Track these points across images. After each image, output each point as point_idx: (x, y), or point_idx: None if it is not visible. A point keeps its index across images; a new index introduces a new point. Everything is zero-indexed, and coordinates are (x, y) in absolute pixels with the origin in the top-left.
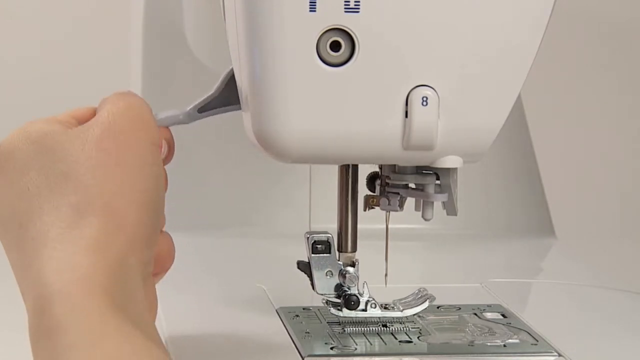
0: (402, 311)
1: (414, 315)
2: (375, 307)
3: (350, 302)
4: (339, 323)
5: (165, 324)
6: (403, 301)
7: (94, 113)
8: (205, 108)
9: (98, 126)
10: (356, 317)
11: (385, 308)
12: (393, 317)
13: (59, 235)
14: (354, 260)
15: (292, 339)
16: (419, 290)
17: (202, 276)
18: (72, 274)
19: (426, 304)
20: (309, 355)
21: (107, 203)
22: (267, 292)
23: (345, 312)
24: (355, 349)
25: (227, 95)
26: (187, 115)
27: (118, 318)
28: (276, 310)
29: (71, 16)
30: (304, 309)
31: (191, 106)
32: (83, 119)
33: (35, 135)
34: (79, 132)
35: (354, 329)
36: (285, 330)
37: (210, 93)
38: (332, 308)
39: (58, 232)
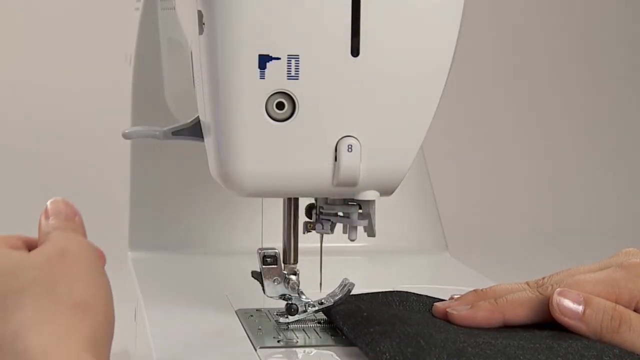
0: (332, 303)
1: (339, 303)
2: (314, 306)
3: (291, 309)
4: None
5: (149, 321)
6: (331, 293)
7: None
8: (178, 133)
9: (53, 247)
10: (299, 319)
11: (322, 303)
12: (326, 317)
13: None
14: (296, 270)
15: (247, 333)
16: (342, 281)
17: (178, 286)
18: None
19: (347, 290)
20: (261, 347)
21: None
22: (228, 297)
23: (291, 318)
24: (297, 341)
25: (197, 130)
26: (162, 133)
27: None
28: (235, 312)
29: (71, 19)
30: (257, 310)
31: (168, 128)
32: (31, 246)
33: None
34: (40, 251)
35: (296, 326)
36: (242, 327)
37: (185, 122)
38: (280, 318)
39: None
